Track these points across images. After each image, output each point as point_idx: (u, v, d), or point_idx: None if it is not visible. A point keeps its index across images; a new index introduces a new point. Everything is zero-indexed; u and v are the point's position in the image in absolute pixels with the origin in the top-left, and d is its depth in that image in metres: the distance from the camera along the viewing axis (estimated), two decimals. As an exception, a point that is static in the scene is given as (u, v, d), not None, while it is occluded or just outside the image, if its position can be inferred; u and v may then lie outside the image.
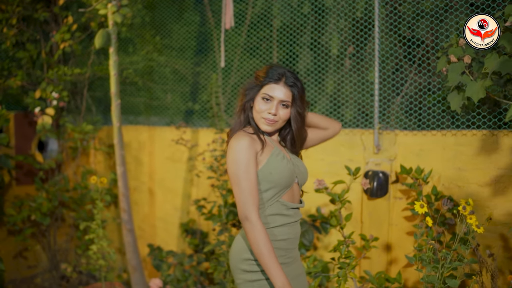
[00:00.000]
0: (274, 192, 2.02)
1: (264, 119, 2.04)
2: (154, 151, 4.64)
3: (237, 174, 1.90)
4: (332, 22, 3.76)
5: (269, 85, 2.03)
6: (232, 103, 4.34)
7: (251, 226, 1.84)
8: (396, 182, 3.35)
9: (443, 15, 3.29)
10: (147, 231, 4.69)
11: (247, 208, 1.87)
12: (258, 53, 4.26)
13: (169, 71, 4.82)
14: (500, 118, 3.06)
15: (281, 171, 2.02)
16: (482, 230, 2.37)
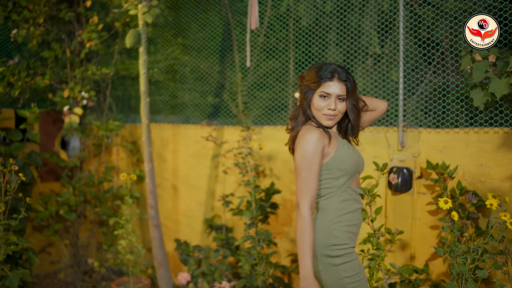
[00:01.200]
0: (345, 179, 2.16)
1: (325, 115, 2.18)
2: (178, 148, 4.76)
3: (301, 164, 2.03)
4: (365, 20, 3.88)
5: (325, 83, 2.16)
6: (251, 102, 4.44)
7: (299, 215, 2.00)
8: (420, 178, 3.47)
9: (462, 15, 3.41)
10: (170, 227, 4.81)
11: (300, 197, 2.02)
12: (276, 54, 4.38)
13: (189, 70, 4.94)
14: (522, 116, 3.18)
15: (350, 159, 2.17)
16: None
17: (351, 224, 2.18)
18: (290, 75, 4.38)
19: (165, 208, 4.83)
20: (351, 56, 3.92)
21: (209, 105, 4.80)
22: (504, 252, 2.80)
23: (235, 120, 4.45)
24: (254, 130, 4.22)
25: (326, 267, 2.12)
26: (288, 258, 4.10)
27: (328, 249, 2.12)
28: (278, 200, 4.10)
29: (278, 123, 4.29)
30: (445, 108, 3.47)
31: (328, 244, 2.12)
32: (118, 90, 5.31)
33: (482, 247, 2.61)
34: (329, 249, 2.11)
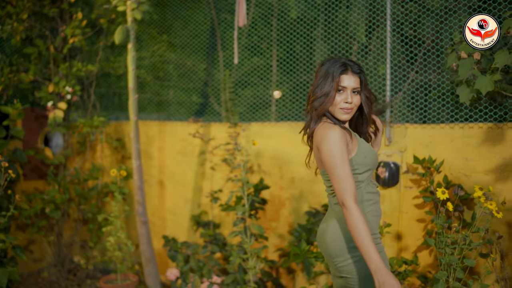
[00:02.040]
0: (369, 173, 2.20)
1: (341, 109, 2.18)
2: (164, 145, 4.76)
3: (333, 163, 2.01)
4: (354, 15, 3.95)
5: (340, 76, 2.17)
6: (236, 99, 4.47)
7: (347, 212, 1.94)
8: (406, 172, 3.55)
9: (448, 14, 3.50)
10: (157, 224, 4.81)
11: (343, 194, 1.97)
12: (260, 51, 4.43)
13: (173, 67, 4.94)
14: (505, 112, 3.29)
15: (372, 154, 2.21)
16: (501, 215, 2.58)
17: (377, 215, 2.21)
18: (273, 73, 4.42)
19: (151, 205, 4.82)
20: (337, 51, 3.99)
21: (194, 102, 4.82)
22: (490, 241, 2.90)
23: (219, 117, 4.48)
24: (241, 126, 4.25)
25: (358, 258, 2.12)
26: (276, 253, 4.14)
27: (351, 250, 2.13)
28: (266, 196, 4.14)
29: (262, 120, 4.33)
30: (431, 104, 3.56)
31: (351, 246, 2.14)
32: (101, 87, 5.28)
33: (470, 237, 2.70)
34: (351, 250, 2.13)
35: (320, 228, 2.32)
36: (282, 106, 4.36)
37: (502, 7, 3.31)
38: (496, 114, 3.30)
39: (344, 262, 2.15)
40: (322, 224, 2.32)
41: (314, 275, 3.85)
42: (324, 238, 2.23)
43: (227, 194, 4.29)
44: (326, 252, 2.23)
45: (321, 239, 2.27)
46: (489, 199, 2.60)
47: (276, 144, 4.15)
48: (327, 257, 2.24)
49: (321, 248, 2.28)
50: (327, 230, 2.22)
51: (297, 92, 4.24)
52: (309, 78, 4.21)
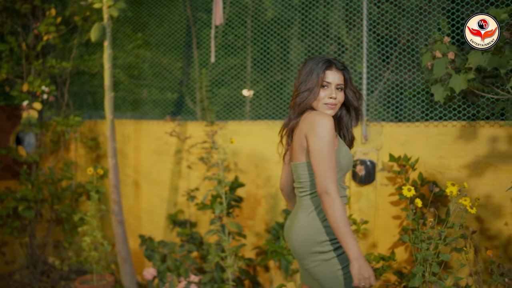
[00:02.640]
0: (340, 175, 2.18)
1: (326, 104, 2.19)
2: (140, 144, 4.72)
3: (323, 149, 1.99)
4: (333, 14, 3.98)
5: (324, 72, 2.19)
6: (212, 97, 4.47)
7: (331, 200, 1.93)
8: (382, 170, 3.60)
9: (423, 14, 3.57)
10: (132, 223, 4.76)
11: (328, 181, 1.96)
12: (234, 50, 4.44)
13: (148, 66, 4.91)
14: (478, 110, 3.38)
15: (348, 157, 2.20)
16: (475, 210, 2.64)
17: None
18: (248, 72, 4.44)
19: (126, 205, 4.78)
20: (314, 50, 4.02)
21: (169, 101, 4.79)
22: (465, 236, 2.97)
23: (195, 116, 4.47)
24: (218, 125, 4.24)
25: (318, 263, 2.13)
26: (253, 251, 4.15)
27: (319, 246, 2.13)
28: (243, 194, 4.15)
29: (236, 119, 4.34)
30: (406, 102, 3.63)
31: (319, 241, 2.13)
32: (75, 86, 5.21)
33: (445, 232, 2.76)
34: (320, 245, 2.13)
35: (285, 228, 2.33)
36: (257, 105, 4.38)
37: (474, 8, 3.40)
38: (469, 113, 3.38)
39: (312, 263, 2.15)
40: (287, 223, 2.32)
41: (292, 273, 3.87)
42: (291, 239, 2.23)
43: (204, 192, 4.28)
44: (294, 253, 2.25)
45: (288, 240, 2.28)
46: (464, 195, 2.66)
47: (252, 143, 4.16)
48: (297, 258, 2.25)
49: (291, 249, 2.28)
50: (293, 230, 2.22)
51: (272, 91, 4.26)
52: (284, 77, 4.24)
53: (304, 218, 2.18)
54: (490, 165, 3.28)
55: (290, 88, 4.20)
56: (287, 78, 4.21)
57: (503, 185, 3.24)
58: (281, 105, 4.20)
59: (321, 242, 2.13)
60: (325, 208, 1.96)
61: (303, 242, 2.15)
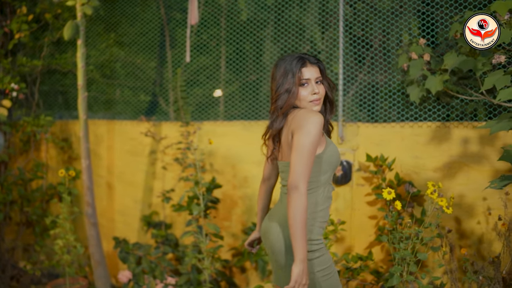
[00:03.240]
0: (329, 174, 2.16)
1: (311, 102, 2.15)
2: (113, 145, 4.64)
3: (305, 145, 1.96)
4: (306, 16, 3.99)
5: (300, 70, 2.15)
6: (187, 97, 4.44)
7: (299, 195, 1.91)
8: (358, 170, 3.63)
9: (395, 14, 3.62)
10: (106, 225, 4.68)
11: (300, 177, 1.93)
12: (208, 50, 4.41)
13: (120, 65, 4.84)
14: (452, 111, 3.44)
15: (337, 155, 2.17)
16: (451, 210, 2.69)
17: (324, 221, 2.18)
18: (222, 72, 4.42)
19: (99, 206, 4.69)
20: (290, 51, 4.03)
21: (142, 101, 4.73)
22: (441, 235, 3.01)
23: (168, 117, 4.42)
24: (194, 125, 4.21)
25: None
26: (229, 253, 4.13)
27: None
28: (219, 195, 4.12)
29: (210, 120, 4.32)
30: (382, 103, 3.66)
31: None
32: (45, 85, 5.09)
33: (423, 232, 2.79)
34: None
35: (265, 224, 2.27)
36: (231, 105, 4.37)
37: (448, 11, 3.46)
38: (444, 114, 3.44)
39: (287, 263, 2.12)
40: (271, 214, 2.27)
41: (268, 273, 3.87)
42: (269, 237, 2.20)
43: (179, 194, 4.24)
44: (270, 247, 2.21)
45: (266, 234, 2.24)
46: (441, 196, 2.70)
47: (229, 143, 4.14)
48: (270, 252, 2.22)
49: (266, 241, 2.25)
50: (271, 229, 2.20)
51: (246, 91, 4.25)
52: (258, 77, 4.23)
53: (276, 220, 2.17)
54: (464, 165, 3.35)
55: (265, 88, 4.20)
56: (261, 78, 4.21)
57: (476, 184, 3.31)
58: (255, 106, 4.19)
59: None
60: (289, 202, 1.93)
61: (287, 238, 2.11)
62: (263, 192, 2.52)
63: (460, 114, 3.49)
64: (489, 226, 3.30)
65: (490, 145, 3.27)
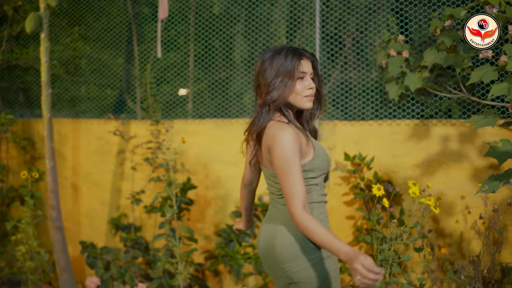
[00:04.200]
0: (323, 176, 2.05)
1: (306, 97, 2.01)
2: (78, 144, 4.43)
3: (285, 169, 1.87)
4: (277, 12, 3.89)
5: (300, 63, 2.01)
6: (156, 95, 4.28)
7: (298, 221, 1.81)
8: (336, 169, 3.55)
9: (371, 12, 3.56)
10: (71, 229, 4.46)
11: (290, 202, 1.84)
12: (176, 46, 4.28)
13: (85, 62, 4.64)
14: (431, 109, 3.40)
15: (326, 157, 2.06)
16: (438, 210, 2.63)
17: (326, 217, 2.11)
18: (190, 69, 4.29)
19: (64, 209, 4.46)
20: (261, 48, 3.93)
21: (108, 99, 4.55)
22: (425, 235, 2.96)
23: (135, 115, 4.25)
24: (164, 124, 4.05)
25: (313, 262, 1.98)
26: (202, 256, 3.99)
27: (296, 257, 1.99)
28: (191, 196, 3.97)
29: (178, 118, 4.17)
30: (360, 101, 3.59)
31: (295, 251, 1.99)
32: (4, 81, 4.83)
33: (408, 232, 2.73)
34: (298, 257, 1.99)
35: (264, 232, 2.11)
36: (200, 103, 4.23)
37: (426, 7, 3.42)
38: (423, 112, 3.40)
39: (298, 267, 1.98)
40: (266, 226, 2.12)
41: (243, 277, 3.76)
42: (274, 242, 2.03)
43: (149, 195, 4.07)
44: (274, 257, 2.04)
45: (268, 244, 2.07)
46: (429, 195, 2.64)
47: (200, 142, 4.00)
48: (275, 263, 2.04)
49: (267, 253, 2.08)
50: (277, 233, 2.04)
51: (215, 89, 4.12)
52: (228, 74, 4.12)
53: (285, 225, 2.02)
54: (442, 163, 3.31)
55: (235, 85, 4.08)
56: (231, 77, 4.09)
57: (454, 183, 3.28)
58: (224, 103, 4.07)
59: (309, 249, 1.98)
60: (303, 230, 1.83)
61: (290, 246, 1.98)
62: (246, 194, 2.38)
63: (439, 112, 3.45)
64: (467, 225, 3.27)
65: (469, 143, 3.24)
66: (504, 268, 3.12)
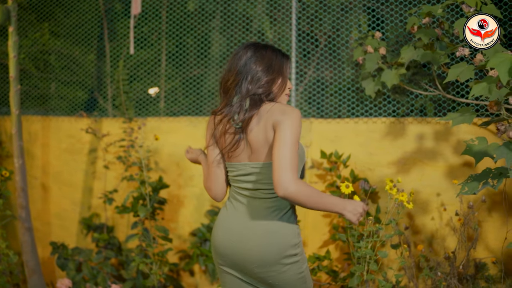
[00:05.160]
0: (300, 170, 2.01)
1: (286, 95, 2.06)
2: (48, 143, 4.30)
3: (294, 141, 1.82)
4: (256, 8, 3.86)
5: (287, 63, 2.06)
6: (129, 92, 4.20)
7: (300, 184, 1.78)
8: (312, 167, 3.53)
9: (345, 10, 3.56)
10: (41, 230, 4.33)
11: (292, 170, 1.79)
12: (148, 44, 4.21)
13: (54, 58, 4.52)
14: (407, 107, 3.41)
15: (303, 149, 2.04)
16: (411, 205, 2.62)
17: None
18: (162, 66, 4.22)
19: (33, 209, 4.33)
20: (234, 45, 3.88)
21: (78, 96, 4.43)
22: (401, 232, 2.96)
23: (106, 113, 4.16)
24: (137, 121, 3.97)
25: (289, 266, 1.94)
26: (177, 255, 3.92)
27: (292, 248, 1.95)
28: (164, 195, 3.90)
29: (150, 116, 4.10)
30: (336, 98, 3.58)
31: (293, 243, 1.95)
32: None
33: (383, 229, 2.72)
34: (293, 248, 1.95)
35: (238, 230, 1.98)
36: (173, 101, 4.17)
37: (403, 6, 3.42)
38: (398, 109, 3.40)
39: (278, 270, 1.94)
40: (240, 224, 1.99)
41: (219, 276, 3.71)
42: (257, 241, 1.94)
43: (122, 194, 3.98)
44: (251, 258, 1.95)
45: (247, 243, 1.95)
46: (401, 191, 2.63)
47: (174, 140, 3.93)
48: (252, 263, 1.95)
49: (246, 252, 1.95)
50: (258, 233, 1.94)
51: (189, 86, 4.06)
52: (202, 71, 4.06)
53: (274, 221, 1.94)
54: (418, 161, 3.32)
55: (211, 82, 4.03)
56: (205, 74, 4.04)
57: (430, 180, 3.29)
58: (199, 101, 4.02)
59: (294, 244, 1.95)
60: (298, 195, 1.78)
61: (277, 248, 1.91)
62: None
63: (414, 110, 3.46)
64: (442, 222, 3.29)
65: (444, 140, 3.26)
66: (478, 264, 3.15)
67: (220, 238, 2.02)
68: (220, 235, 2.02)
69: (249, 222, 1.97)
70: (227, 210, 2.05)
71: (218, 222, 2.08)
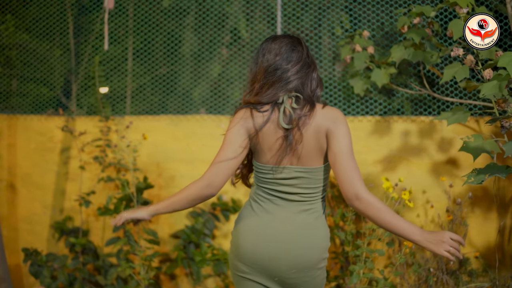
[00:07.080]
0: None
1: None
2: (16, 142, 4.07)
3: (350, 149, 1.82)
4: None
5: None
6: (85, 92, 4.05)
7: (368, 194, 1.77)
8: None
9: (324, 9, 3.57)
10: (7, 236, 4.07)
11: (360, 180, 1.80)
12: (115, 40, 4.09)
13: (15, 53, 4.29)
14: (394, 105, 3.46)
15: None
16: (412, 204, 2.66)
17: None
18: (129, 64, 4.10)
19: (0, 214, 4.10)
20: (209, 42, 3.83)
21: (45, 93, 4.23)
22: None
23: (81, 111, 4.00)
24: (114, 120, 3.82)
25: (320, 270, 1.91)
26: (157, 259, 3.80)
27: (326, 252, 1.91)
28: (145, 196, 3.77)
29: (115, 115, 3.97)
30: (323, 97, 3.58)
31: (327, 246, 1.92)
32: None
33: (371, 227, 2.75)
34: (326, 251, 1.92)
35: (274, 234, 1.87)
36: (140, 100, 4.05)
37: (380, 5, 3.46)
38: (385, 108, 3.44)
39: (313, 275, 1.89)
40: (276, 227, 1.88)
41: (203, 279, 3.64)
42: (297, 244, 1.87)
43: (98, 196, 3.82)
44: (289, 262, 1.86)
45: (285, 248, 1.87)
46: (404, 189, 2.66)
47: (154, 139, 3.81)
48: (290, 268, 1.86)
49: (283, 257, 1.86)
50: (298, 237, 1.87)
51: (157, 85, 3.99)
52: (169, 69, 3.97)
53: (313, 224, 1.88)
54: (403, 159, 3.37)
55: (180, 80, 3.94)
56: (173, 72, 3.95)
57: (415, 178, 3.34)
58: (165, 99, 3.93)
59: (327, 247, 1.92)
60: (374, 207, 1.74)
61: (316, 252, 1.86)
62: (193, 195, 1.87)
63: (401, 109, 3.51)
64: (428, 219, 3.35)
65: (429, 138, 3.32)
66: (461, 260, 3.24)
67: (250, 244, 1.89)
68: (250, 241, 1.89)
69: (287, 226, 1.88)
70: (257, 213, 1.91)
71: (245, 228, 1.92)
